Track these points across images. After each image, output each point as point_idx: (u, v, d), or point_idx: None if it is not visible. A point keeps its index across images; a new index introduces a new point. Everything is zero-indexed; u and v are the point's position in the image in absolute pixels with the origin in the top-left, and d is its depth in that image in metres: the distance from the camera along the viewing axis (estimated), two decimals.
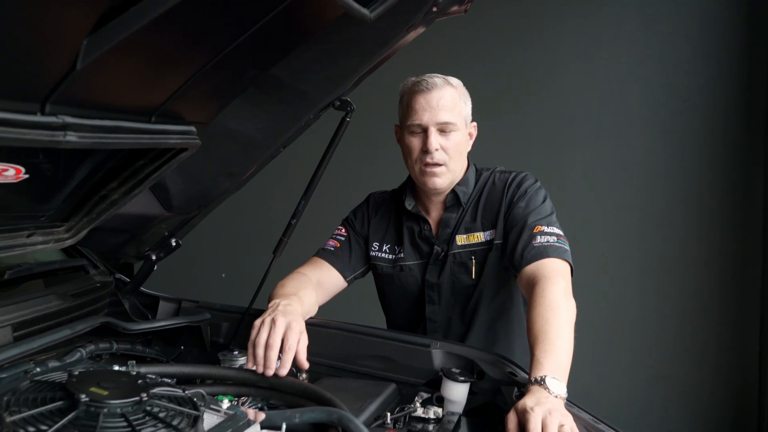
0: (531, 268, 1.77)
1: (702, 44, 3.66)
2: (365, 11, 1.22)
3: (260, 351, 1.50)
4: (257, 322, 1.57)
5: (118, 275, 1.99)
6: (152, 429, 1.11)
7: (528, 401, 1.36)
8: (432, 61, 3.55)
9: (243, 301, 1.98)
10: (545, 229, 1.85)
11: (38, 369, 1.37)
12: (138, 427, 1.10)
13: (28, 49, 0.89)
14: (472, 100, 1.99)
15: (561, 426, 1.29)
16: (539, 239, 1.82)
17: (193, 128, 1.33)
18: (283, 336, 1.51)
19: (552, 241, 1.82)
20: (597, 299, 3.85)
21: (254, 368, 1.50)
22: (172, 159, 1.33)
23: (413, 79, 1.94)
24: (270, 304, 1.69)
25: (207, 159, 1.59)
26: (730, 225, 3.67)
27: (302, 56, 1.44)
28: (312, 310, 1.87)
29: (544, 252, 1.79)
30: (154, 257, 1.96)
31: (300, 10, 1.20)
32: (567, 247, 1.83)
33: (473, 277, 1.98)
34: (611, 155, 3.87)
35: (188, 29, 1.09)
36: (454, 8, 1.62)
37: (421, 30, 1.66)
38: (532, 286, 1.72)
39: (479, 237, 1.98)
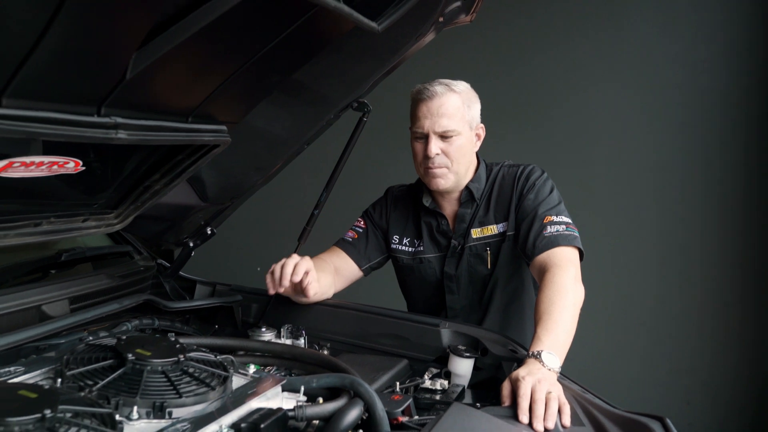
0: (542, 256, 1.90)
1: (722, 45, 3.68)
2: (373, 24, 1.39)
3: (277, 271, 1.84)
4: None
5: (159, 260, 2.19)
6: (188, 385, 1.30)
7: (521, 371, 1.50)
8: (454, 63, 3.71)
9: None
10: (554, 218, 1.96)
11: (90, 337, 1.59)
12: (176, 383, 1.29)
13: (87, 63, 1.09)
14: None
15: (548, 393, 1.43)
16: (549, 229, 1.94)
17: (224, 127, 1.52)
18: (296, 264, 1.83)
19: (561, 230, 1.94)
20: (619, 293, 3.90)
21: (272, 291, 1.86)
22: (206, 154, 1.52)
23: (419, 86, 2.03)
24: None
25: (238, 155, 1.76)
26: (751, 220, 3.67)
27: (321, 63, 1.61)
28: (327, 292, 2.04)
29: (555, 241, 1.91)
30: (191, 244, 2.15)
31: (316, 23, 1.37)
32: (576, 234, 1.95)
33: (488, 267, 2.11)
34: (632, 154, 3.90)
35: (219, 42, 1.28)
36: (461, 18, 1.77)
37: (430, 37, 1.82)
38: (543, 273, 1.84)
39: (493, 229, 2.10)
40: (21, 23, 0.90)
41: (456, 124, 1.98)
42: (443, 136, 1.98)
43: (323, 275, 2.00)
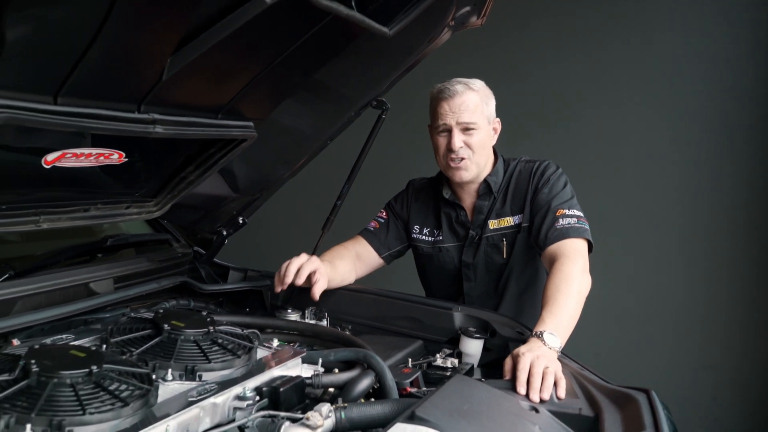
0: (553, 247, 2.01)
1: (748, 44, 3.68)
2: (385, 29, 1.52)
3: (282, 270, 1.98)
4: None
5: (195, 248, 2.35)
6: (216, 353, 1.46)
7: (522, 348, 1.62)
8: (486, 61, 3.79)
9: None
10: (566, 212, 2.07)
11: (132, 313, 1.76)
12: (206, 350, 1.45)
13: (128, 67, 1.25)
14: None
15: (546, 368, 1.55)
16: (561, 221, 2.05)
17: (251, 123, 1.68)
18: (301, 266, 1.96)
19: (573, 222, 2.04)
20: (646, 290, 3.92)
21: (278, 289, 2.01)
22: (234, 148, 1.68)
23: (439, 86, 2.15)
24: None
25: (265, 149, 1.92)
26: None
27: (341, 64, 1.75)
28: (346, 278, 2.17)
29: (566, 233, 2.02)
30: (224, 232, 2.31)
31: (333, 29, 1.50)
32: (586, 227, 2.05)
33: (504, 256, 2.22)
34: (660, 151, 3.90)
35: (244, 47, 1.43)
36: (472, 21, 1.89)
37: (445, 38, 1.95)
38: (553, 262, 1.96)
39: (509, 221, 2.21)
40: (72, 34, 1.07)
41: (476, 119, 2.11)
42: (465, 130, 2.11)
43: (342, 263, 2.14)
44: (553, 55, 4.14)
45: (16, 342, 1.43)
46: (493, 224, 2.21)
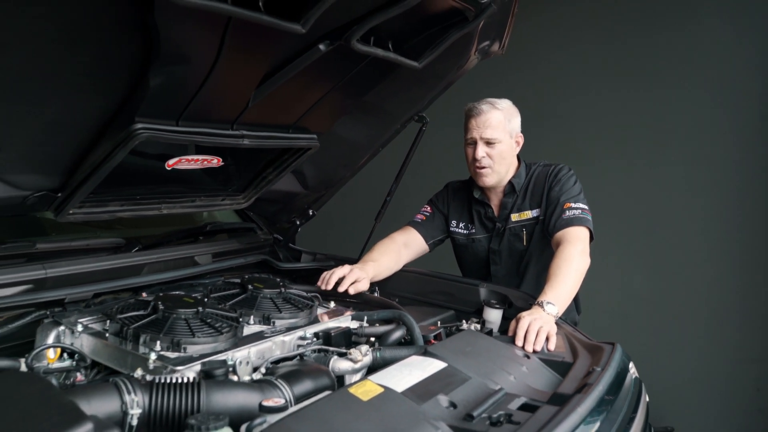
0: (559, 234, 2.33)
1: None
2: (415, 63, 1.93)
3: (326, 276, 2.25)
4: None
5: (275, 235, 2.80)
6: (286, 306, 1.90)
7: (524, 312, 1.97)
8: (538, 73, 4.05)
9: (354, 253, 2.69)
10: (573, 205, 2.38)
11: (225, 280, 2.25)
12: (278, 305, 1.90)
13: (225, 99, 1.71)
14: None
15: (540, 327, 1.91)
16: (567, 213, 2.36)
17: (314, 136, 2.12)
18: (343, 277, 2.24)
19: (577, 213, 2.35)
20: (693, 288, 3.94)
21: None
22: (302, 155, 2.13)
23: (470, 104, 2.42)
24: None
25: (328, 155, 2.34)
26: None
27: (385, 88, 2.15)
28: (392, 267, 2.50)
29: (570, 222, 2.33)
30: (298, 222, 2.75)
31: (376, 63, 1.88)
32: (589, 218, 2.35)
33: (524, 244, 2.54)
34: (709, 153, 3.86)
35: (308, 80, 1.85)
36: (494, 50, 2.26)
37: (473, 65, 2.32)
38: (557, 246, 2.30)
39: (528, 215, 2.53)
40: (190, 79, 1.55)
41: (498, 134, 2.42)
42: (488, 143, 2.42)
43: (387, 257, 2.48)
44: (603, 64, 4.22)
45: (144, 294, 1.90)
46: (515, 217, 2.53)
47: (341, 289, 2.20)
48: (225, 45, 1.46)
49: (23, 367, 1.42)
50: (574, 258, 2.19)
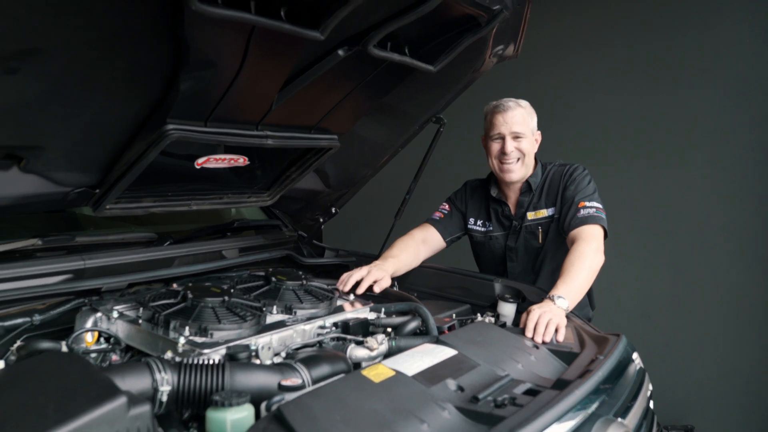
0: (574, 232, 2.38)
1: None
2: (430, 67, 2.00)
3: (345, 278, 2.29)
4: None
5: (300, 232, 2.90)
6: (307, 297, 2.00)
7: (535, 305, 2.03)
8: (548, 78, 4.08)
9: (375, 249, 2.77)
10: (587, 203, 2.42)
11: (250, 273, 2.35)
12: (300, 296, 1.99)
13: (250, 101, 1.80)
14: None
15: (550, 319, 1.97)
16: (582, 212, 2.41)
17: (335, 136, 2.20)
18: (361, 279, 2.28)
19: (591, 212, 2.40)
20: (715, 288, 3.94)
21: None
22: (324, 154, 2.21)
23: (494, 102, 2.54)
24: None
25: (349, 155, 2.42)
26: None
27: (403, 90, 2.22)
28: (411, 263, 2.57)
29: (584, 220, 2.38)
30: (321, 219, 2.85)
31: (393, 66, 1.96)
32: (603, 216, 2.39)
33: (540, 241, 2.60)
34: (732, 153, 3.85)
35: (328, 83, 1.93)
36: (508, 53, 2.33)
37: (489, 68, 2.38)
38: (572, 244, 2.35)
39: (544, 213, 2.58)
40: (218, 83, 1.65)
41: (524, 129, 2.50)
42: (516, 138, 2.49)
43: (406, 254, 2.54)
44: (626, 67, 4.22)
45: (175, 285, 2.00)
46: (531, 215, 2.58)
47: (359, 291, 2.25)
48: (249, 52, 1.55)
49: (64, 349, 1.53)
50: (587, 255, 2.24)
